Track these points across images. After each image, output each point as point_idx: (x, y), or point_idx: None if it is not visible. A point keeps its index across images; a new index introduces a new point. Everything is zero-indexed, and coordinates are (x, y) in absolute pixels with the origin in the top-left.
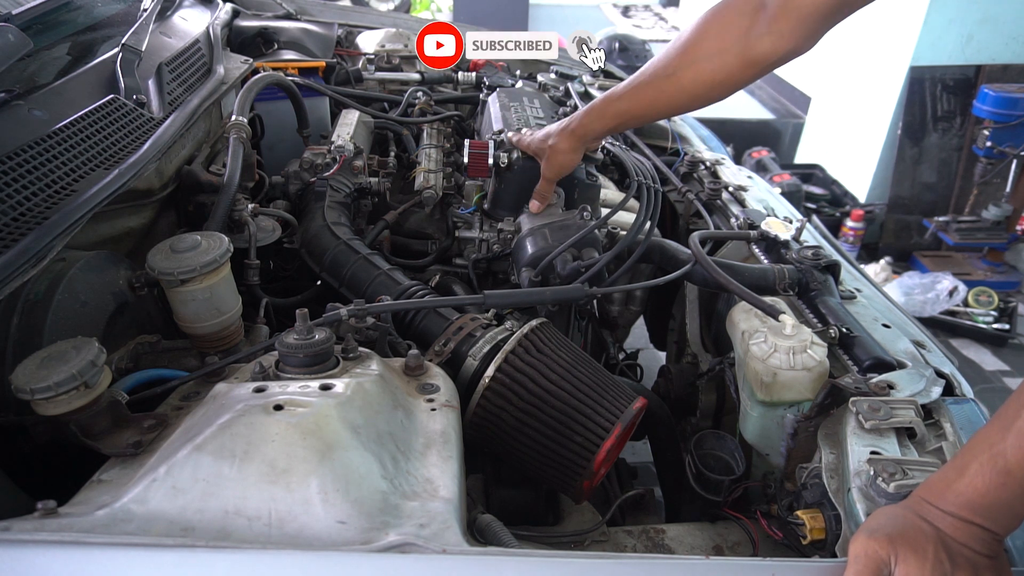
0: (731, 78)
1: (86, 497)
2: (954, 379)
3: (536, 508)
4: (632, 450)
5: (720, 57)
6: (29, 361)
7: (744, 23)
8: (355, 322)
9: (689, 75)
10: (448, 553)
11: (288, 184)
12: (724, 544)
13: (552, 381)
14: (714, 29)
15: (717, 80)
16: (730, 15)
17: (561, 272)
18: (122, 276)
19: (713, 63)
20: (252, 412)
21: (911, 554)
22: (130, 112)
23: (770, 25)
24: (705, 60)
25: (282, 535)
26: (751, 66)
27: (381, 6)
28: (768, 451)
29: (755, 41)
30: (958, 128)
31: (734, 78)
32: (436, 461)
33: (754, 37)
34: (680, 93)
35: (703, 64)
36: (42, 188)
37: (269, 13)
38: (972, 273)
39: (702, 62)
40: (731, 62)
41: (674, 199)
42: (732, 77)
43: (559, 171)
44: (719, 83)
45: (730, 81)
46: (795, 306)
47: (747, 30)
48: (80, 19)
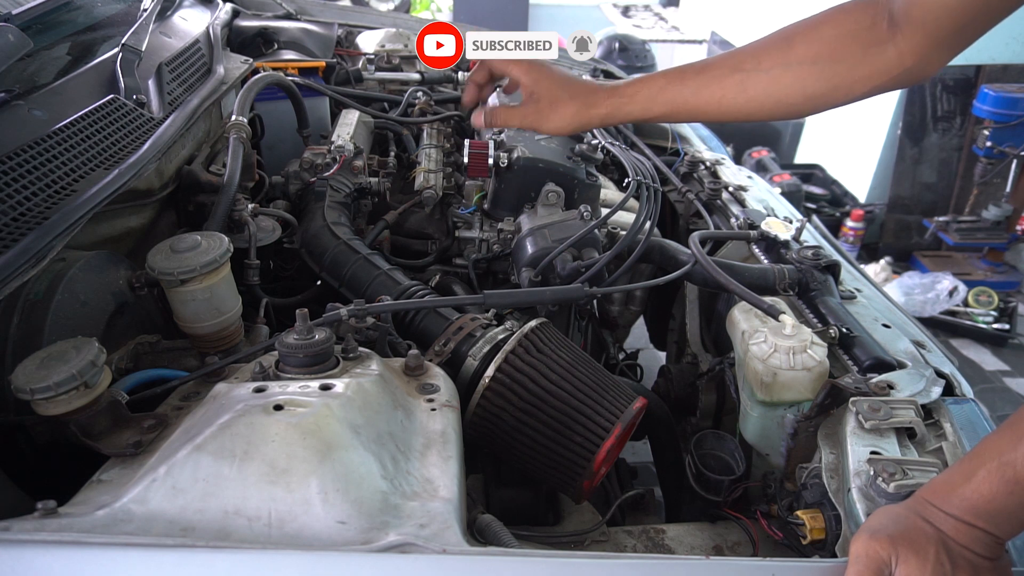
0: (838, 91)
1: (86, 497)
2: (954, 379)
3: (536, 508)
4: (632, 450)
5: (831, 66)
6: (29, 361)
7: (867, 31)
8: (355, 322)
9: (788, 77)
10: (448, 553)
11: (288, 184)
12: (724, 544)
13: (552, 381)
14: (831, 30)
15: (820, 93)
16: (849, 20)
17: (561, 272)
18: (122, 276)
19: (821, 69)
20: (252, 412)
21: (912, 555)
22: (130, 112)
23: (895, 36)
24: (812, 64)
25: (282, 535)
26: (868, 80)
27: (381, 6)
28: (768, 451)
29: (876, 52)
30: (958, 128)
31: (842, 91)
32: (436, 461)
33: (875, 48)
34: (768, 96)
35: (808, 68)
36: (42, 188)
37: (269, 13)
38: (972, 273)
39: (808, 66)
40: (843, 73)
41: (674, 199)
42: (839, 90)
43: (549, 128)
44: (821, 95)
45: (834, 95)
46: (795, 306)
47: (870, 39)
48: (80, 19)
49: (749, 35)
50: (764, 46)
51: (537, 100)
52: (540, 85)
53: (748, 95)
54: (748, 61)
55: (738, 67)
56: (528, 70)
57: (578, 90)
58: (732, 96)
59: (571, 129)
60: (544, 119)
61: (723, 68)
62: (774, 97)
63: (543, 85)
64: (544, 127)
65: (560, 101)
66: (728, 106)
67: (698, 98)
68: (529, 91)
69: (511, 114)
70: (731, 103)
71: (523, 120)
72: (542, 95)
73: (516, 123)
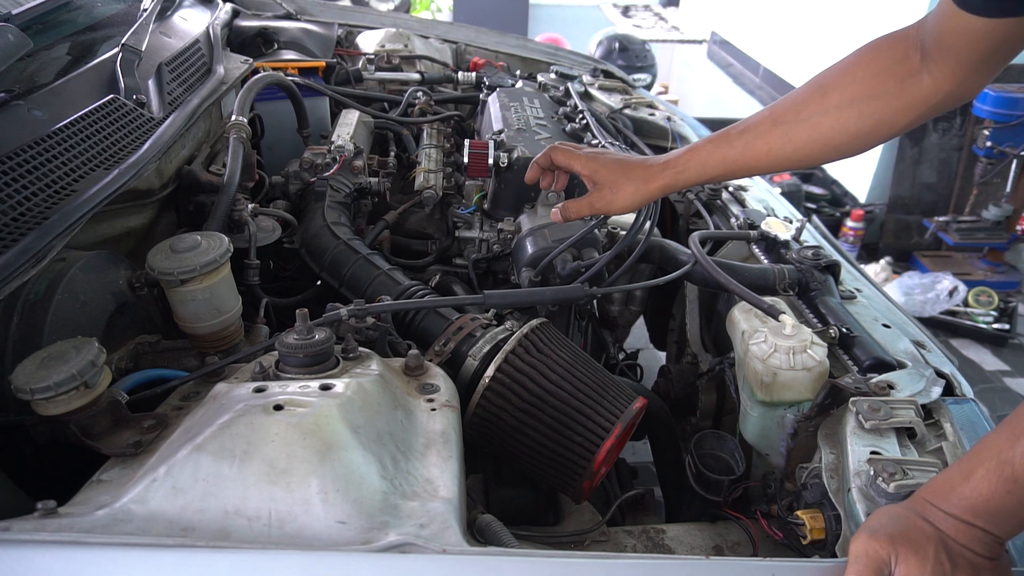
0: (881, 126)
1: (86, 497)
2: (954, 379)
3: (536, 508)
4: (632, 450)
5: (869, 103)
6: (29, 361)
7: (900, 64)
8: (355, 322)
9: (828, 122)
10: (448, 553)
11: (288, 184)
12: (724, 544)
13: (552, 381)
14: (864, 70)
15: (863, 130)
16: (881, 57)
17: (561, 272)
18: (122, 276)
19: (861, 109)
20: (252, 412)
21: (912, 554)
22: (130, 112)
23: (929, 65)
24: (850, 106)
25: (282, 535)
26: (908, 110)
27: (381, 6)
28: (768, 451)
29: (912, 83)
30: (958, 128)
31: (885, 126)
32: (436, 461)
33: (911, 79)
34: (814, 143)
35: (847, 111)
36: (42, 188)
37: (269, 13)
38: (972, 273)
39: (846, 108)
40: (882, 108)
41: (674, 199)
42: (883, 124)
43: (615, 210)
44: (866, 133)
45: (879, 130)
46: (795, 306)
47: (904, 72)
48: (80, 19)
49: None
50: (801, 96)
51: (600, 187)
52: (599, 174)
53: (795, 145)
54: (788, 114)
55: (779, 121)
56: (587, 162)
57: (634, 170)
58: (779, 148)
59: (635, 206)
60: (609, 203)
61: (764, 124)
62: (820, 142)
63: (601, 174)
64: (612, 210)
65: (619, 184)
66: (777, 157)
67: (746, 156)
68: (591, 181)
69: (580, 204)
70: (779, 154)
71: (592, 208)
72: (603, 182)
73: (587, 212)
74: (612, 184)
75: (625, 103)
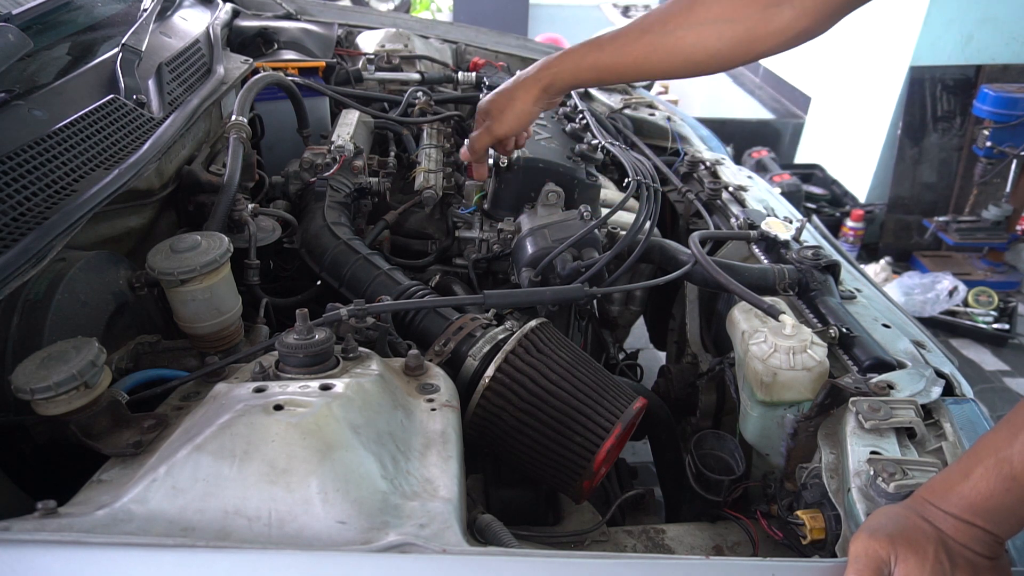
0: (737, 50)
1: (86, 497)
2: (954, 379)
3: (536, 508)
4: (632, 450)
5: (731, 25)
6: (29, 361)
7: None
8: (355, 322)
9: (691, 37)
10: (448, 553)
11: (288, 184)
12: (724, 544)
13: (552, 381)
14: None
15: (722, 51)
16: None
17: (561, 272)
18: (122, 276)
19: (722, 29)
20: (252, 412)
21: (911, 554)
22: (130, 112)
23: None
24: (713, 24)
25: (282, 535)
26: (762, 40)
27: (381, 6)
28: (768, 451)
29: (773, 13)
30: (958, 128)
31: (741, 50)
32: (436, 461)
33: (773, 8)
34: (675, 55)
35: (710, 28)
36: (42, 188)
37: (269, 13)
38: (972, 273)
39: (709, 25)
40: (741, 32)
41: (674, 199)
42: (739, 48)
43: (512, 126)
44: (723, 54)
45: (736, 53)
46: (795, 306)
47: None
48: (80, 19)
49: None
50: (670, 8)
51: (493, 115)
52: (490, 106)
53: (659, 56)
54: (656, 24)
55: (647, 30)
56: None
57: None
58: (643, 57)
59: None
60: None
61: (634, 32)
62: (681, 56)
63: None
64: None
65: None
66: (642, 66)
67: (616, 62)
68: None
69: (479, 135)
70: (644, 63)
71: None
72: (495, 110)
73: (488, 140)
74: (501, 107)
75: (625, 103)
